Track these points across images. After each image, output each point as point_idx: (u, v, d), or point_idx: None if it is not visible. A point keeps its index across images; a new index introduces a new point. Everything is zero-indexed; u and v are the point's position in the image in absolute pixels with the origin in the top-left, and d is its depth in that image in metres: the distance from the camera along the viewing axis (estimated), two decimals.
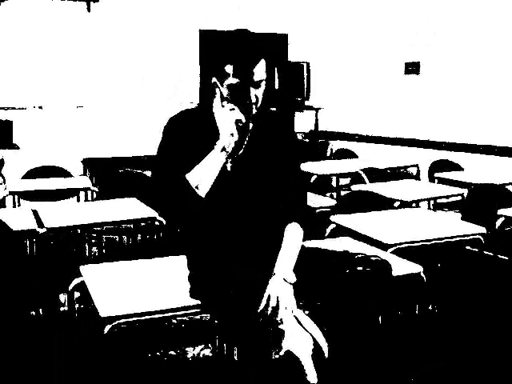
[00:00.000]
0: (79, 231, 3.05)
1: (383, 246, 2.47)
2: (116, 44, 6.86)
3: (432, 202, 4.33)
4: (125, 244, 3.14)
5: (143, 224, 3.05)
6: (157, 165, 1.94)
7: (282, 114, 2.09)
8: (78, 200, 4.34)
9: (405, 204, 3.49)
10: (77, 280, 2.13)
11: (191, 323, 2.52)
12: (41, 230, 2.74)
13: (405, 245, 2.49)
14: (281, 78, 7.17)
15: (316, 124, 7.69)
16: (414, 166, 5.29)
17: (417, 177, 5.28)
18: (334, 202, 3.64)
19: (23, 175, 4.45)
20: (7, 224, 2.67)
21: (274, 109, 2.22)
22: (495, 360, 2.45)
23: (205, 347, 2.59)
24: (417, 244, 2.53)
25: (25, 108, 6.49)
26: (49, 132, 6.52)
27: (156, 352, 2.52)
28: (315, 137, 7.60)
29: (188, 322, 2.53)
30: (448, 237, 2.61)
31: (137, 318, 1.83)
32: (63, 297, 2.92)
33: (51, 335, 2.68)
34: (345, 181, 5.16)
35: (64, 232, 2.90)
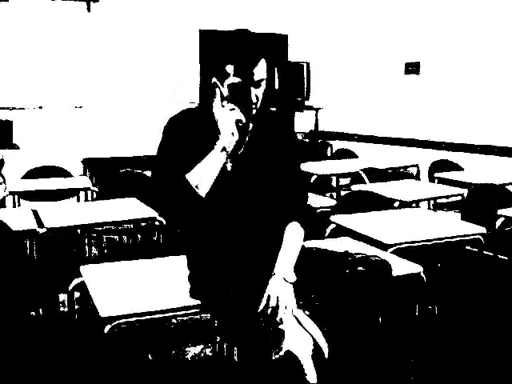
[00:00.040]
0: (79, 231, 3.06)
1: (383, 246, 2.46)
2: (116, 44, 6.85)
3: (432, 202, 4.33)
4: (125, 244, 3.15)
5: (143, 224, 3.05)
6: (157, 165, 1.94)
7: (282, 114, 2.09)
8: (78, 200, 4.34)
9: (405, 204, 3.49)
10: (77, 280, 2.13)
11: (191, 323, 2.52)
12: (41, 230, 2.74)
13: (405, 245, 2.49)
14: (281, 78, 7.17)
15: (316, 124, 7.68)
16: (414, 166, 5.30)
17: (417, 177, 5.28)
18: (334, 202, 3.64)
19: (23, 175, 4.45)
20: (7, 224, 2.66)
21: (274, 109, 2.22)
22: (495, 360, 2.45)
23: (205, 347, 2.59)
24: (417, 244, 2.53)
25: (25, 108, 6.49)
26: (49, 132, 6.52)
27: (156, 352, 2.52)
28: (315, 137, 7.60)
29: (188, 322, 2.53)
30: (448, 237, 2.61)
31: (137, 318, 1.83)
32: (63, 297, 2.92)
33: (51, 335, 2.68)
34: (345, 181, 5.16)
35: (64, 232, 2.90)
